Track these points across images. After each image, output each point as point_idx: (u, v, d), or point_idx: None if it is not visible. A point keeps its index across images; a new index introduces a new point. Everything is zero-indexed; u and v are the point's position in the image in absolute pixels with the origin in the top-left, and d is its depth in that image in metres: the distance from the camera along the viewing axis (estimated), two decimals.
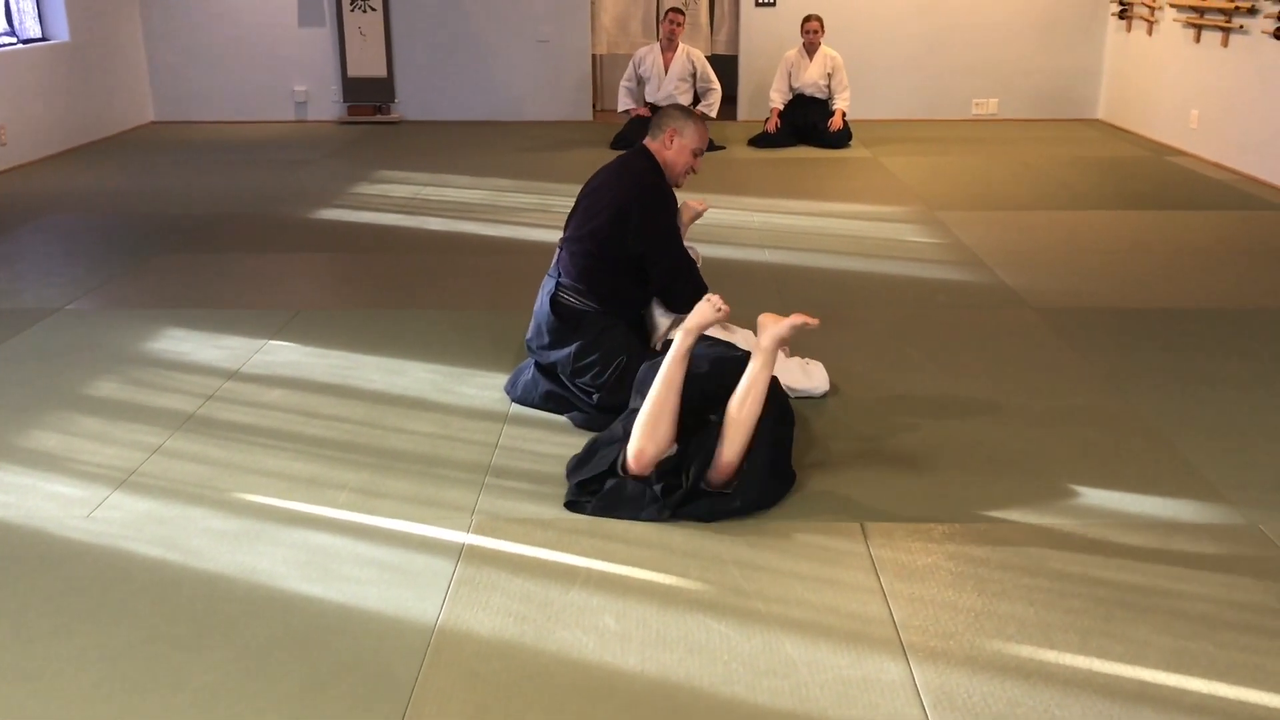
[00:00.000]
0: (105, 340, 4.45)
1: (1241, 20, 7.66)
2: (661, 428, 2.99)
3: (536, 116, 10.33)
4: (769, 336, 3.08)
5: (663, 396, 3.00)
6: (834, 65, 8.95)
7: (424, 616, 2.57)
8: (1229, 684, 2.34)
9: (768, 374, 3.03)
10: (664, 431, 2.99)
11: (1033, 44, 10.07)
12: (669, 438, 3.01)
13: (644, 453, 3.01)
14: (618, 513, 3.00)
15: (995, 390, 3.93)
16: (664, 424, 2.99)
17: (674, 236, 3.79)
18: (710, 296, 3.17)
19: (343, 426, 3.63)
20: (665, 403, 2.99)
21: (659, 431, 2.99)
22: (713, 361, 3.23)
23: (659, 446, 3.00)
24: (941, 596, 2.66)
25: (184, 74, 10.23)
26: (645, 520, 2.99)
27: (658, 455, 3.00)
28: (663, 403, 2.99)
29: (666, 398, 3.00)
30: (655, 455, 3.00)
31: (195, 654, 2.44)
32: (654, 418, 2.99)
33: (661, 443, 3.00)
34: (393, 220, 6.52)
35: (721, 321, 3.19)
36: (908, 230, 6.24)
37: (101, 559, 2.83)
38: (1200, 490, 3.19)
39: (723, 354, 3.32)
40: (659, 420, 2.99)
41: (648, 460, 3.00)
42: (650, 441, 2.99)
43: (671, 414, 3.00)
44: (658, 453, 3.00)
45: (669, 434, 3.00)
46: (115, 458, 3.40)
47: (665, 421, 2.99)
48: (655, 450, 3.00)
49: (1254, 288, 5.14)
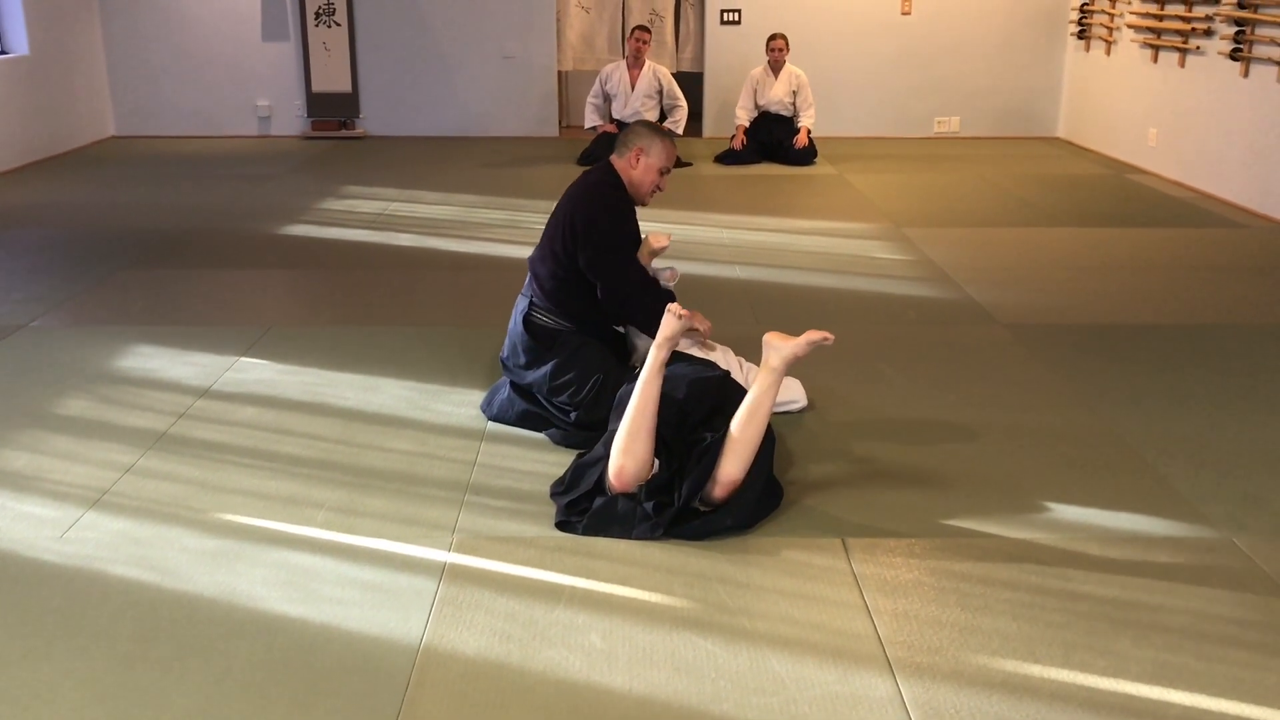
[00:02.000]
0: (71, 358, 4.38)
1: (1198, 41, 7.81)
2: (639, 444, 2.99)
3: (502, 132, 10.33)
4: (779, 357, 3.06)
5: (639, 412, 3.00)
6: (799, 83, 9.02)
7: (408, 636, 2.55)
8: (1211, 696, 2.37)
9: (774, 394, 3.04)
10: (642, 447, 2.99)
11: (993, 63, 10.21)
12: (648, 453, 3.01)
13: (624, 470, 3.01)
14: (608, 531, 2.99)
15: (969, 406, 3.97)
16: (641, 440, 2.99)
17: (619, 249, 3.69)
18: (671, 306, 3.15)
19: (318, 445, 3.59)
20: (642, 418, 2.99)
21: (637, 447, 2.99)
22: (690, 383, 3.23)
23: (638, 462, 3.00)
24: (925, 612, 2.68)
25: (145, 88, 10.13)
26: (636, 539, 2.98)
27: (638, 471, 3.00)
28: (639, 418, 2.99)
29: (643, 413, 3.00)
30: (636, 472, 3.00)
31: (176, 676, 2.41)
32: (631, 435, 2.99)
33: (640, 458, 3.00)
34: (361, 236, 6.49)
35: (689, 327, 3.19)
36: (876, 247, 6.30)
37: (76, 580, 2.78)
38: (1174, 505, 3.23)
39: (699, 374, 3.32)
40: (636, 437, 2.99)
41: (629, 477, 3.00)
42: (630, 458, 2.99)
43: (649, 429, 3.00)
44: (638, 469, 3.00)
45: (647, 449, 3.00)
46: (87, 477, 3.34)
47: (642, 437, 2.99)
48: (635, 467, 2.99)
49: (1215, 304, 5.23)
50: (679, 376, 3.24)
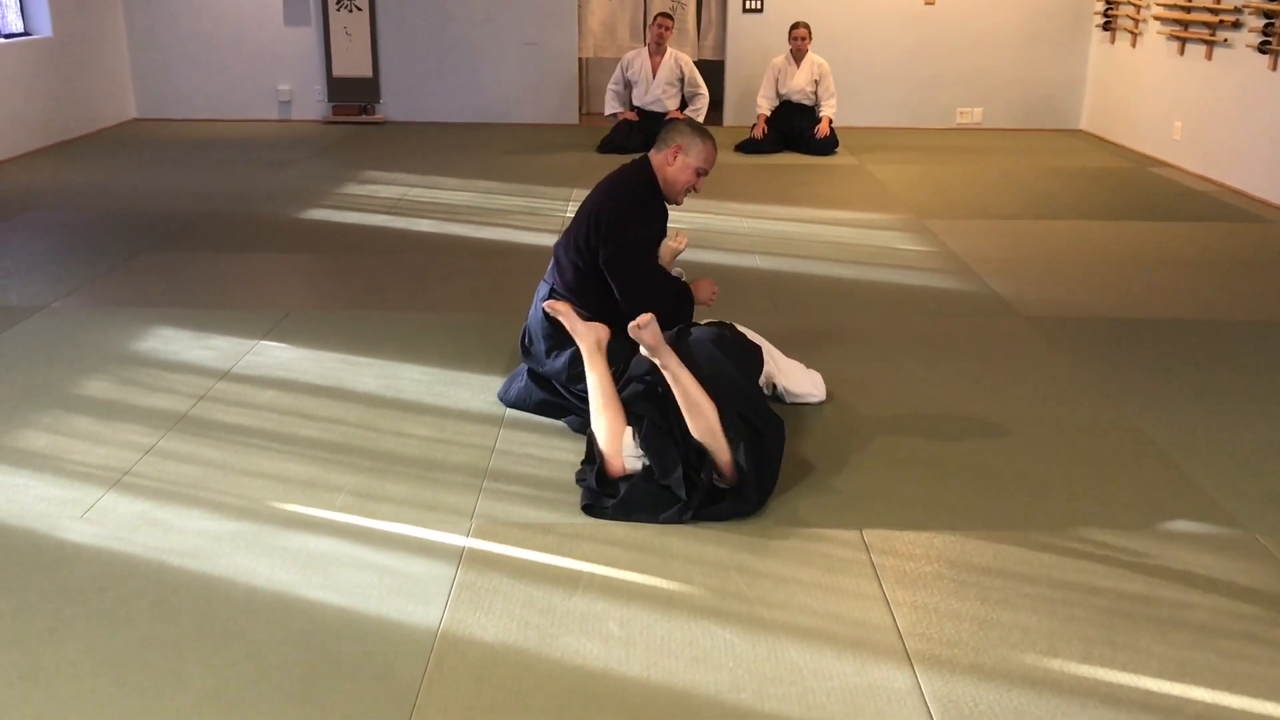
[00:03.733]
0: (92, 339, 4.40)
1: (1225, 34, 7.73)
2: (601, 420, 3.17)
3: (522, 119, 10.31)
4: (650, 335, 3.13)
5: (594, 393, 3.23)
6: (821, 72, 8.97)
7: (426, 621, 2.55)
8: (1232, 694, 2.35)
9: (685, 372, 3.09)
10: (605, 422, 3.15)
11: (1017, 54, 10.14)
12: (616, 424, 3.13)
13: (600, 444, 3.15)
14: (637, 515, 3.00)
15: (991, 399, 3.95)
16: (603, 418, 3.17)
17: (641, 253, 3.64)
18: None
19: (337, 429, 3.60)
20: (598, 398, 3.21)
21: (601, 423, 3.16)
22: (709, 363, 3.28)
23: (605, 435, 3.13)
24: (944, 605, 2.67)
25: (167, 71, 10.15)
26: (664, 523, 2.98)
27: (610, 442, 3.11)
28: (595, 398, 3.21)
29: (598, 393, 3.22)
30: (607, 441, 3.12)
31: (196, 657, 2.41)
32: (595, 412, 3.19)
33: (605, 432, 3.13)
34: (381, 221, 6.49)
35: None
36: (897, 238, 6.26)
37: (97, 560, 2.79)
38: (1197, 500, 3.21)
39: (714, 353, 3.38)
40: (598, 413, 3.18)
41: (605, 449, 3.12)
42: (598, 430, 3.17)
43: (607, 403, 3.18)
44: (608, 440, 3.12)
45: (612, 422, 3.14)
46: (107, 458, 3.36)
47: (605, 414, 3.17)
48: (604, 438, 3.13)
49: (1240, 300, 5.18)
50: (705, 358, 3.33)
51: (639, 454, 3.05)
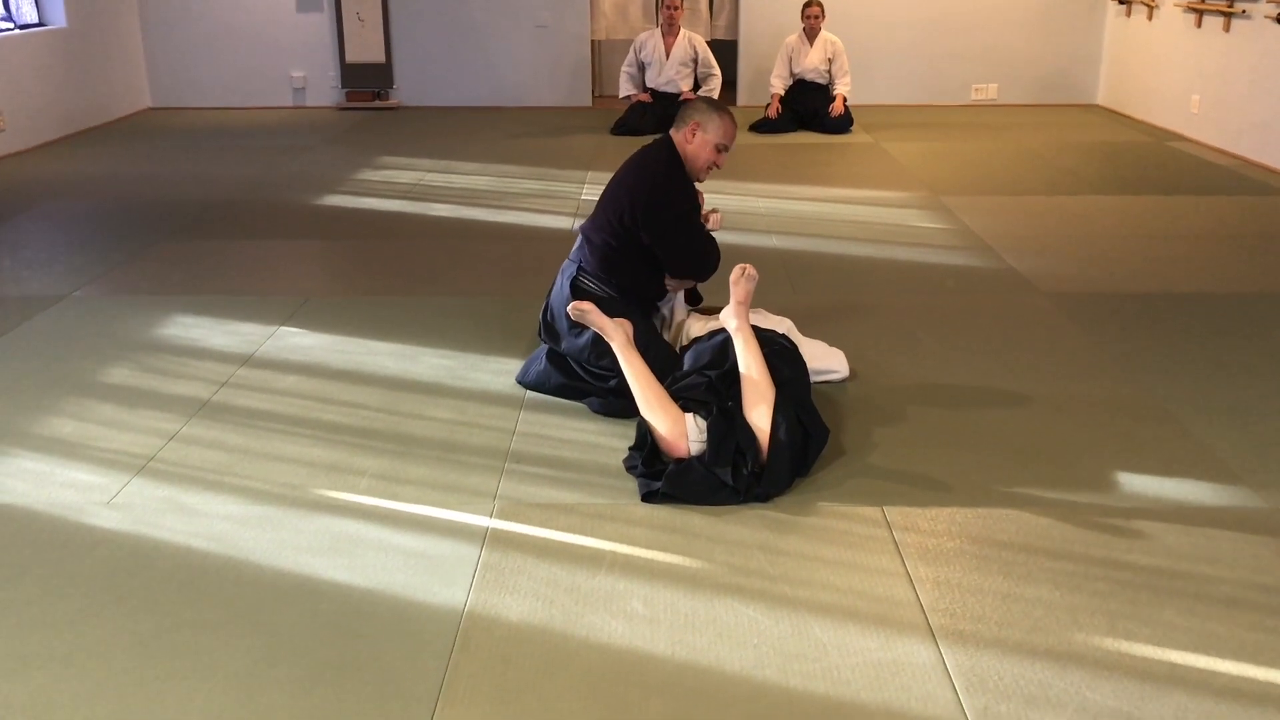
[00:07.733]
0: (114, 327, 4.43)
1: (1244, 5, 7.66)
2: (657, 411, 3.16)
3: (535, 102, 10.30)
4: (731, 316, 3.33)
5: (640, 387, 3.25)
6: (834, 51, 8.93)
7: (452, 601, 2.57)
8: (1258, 665, 2.35)
9: (755, 345, 3.21)
10: (662, 412, 3.15)
11: (1032, 29, 10.06)
12: (673, 413, 3.13)
13: (663, 437, 3.12)
14: (688, 496, 3.01)
15: (1010, 375, 3.94)
16: (656, 407, 3.17)
17: (683, 228, 3.71)
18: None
19: (359, 413, 3.62)
20: (646, 390, 3.23)
21: (658, 414, 3.16)
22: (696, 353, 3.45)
23: (667, 424, 3.12)
24: (967, 580, 2.67)
25: (181, 59, 10.17)
26: (716, 504, 3.00)
27: (673, 430, 3.10)
28: (644, 392, 3.23)
29: (644, 385, 3.24)
30: (671, 430, 3.11)
31: (224, 640, 2.44)
32: (647, 406, 3.19)
33: (666, 421, 3.12)
34: (397, 206, 6.50)
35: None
36: (913, 215, 6.24)
37: (124, 545, 2.82)
38: (1219, 474, 3.20)
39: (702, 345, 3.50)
40: (651, 406, 3.18)
41: (670, 439, 3.10)
42: (659, 424, 3.14)
43: (658, 395, 3.19)
44: (671, 428, 3.11)
45: (669, 411, 3.14)
46: (132, 444, 3.38)
47: (657, 404, 3.17)
48: (668, 427, 3.12)
49: (1258, 273, 5.15)
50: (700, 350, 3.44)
51: (703, 439, 3.06)
